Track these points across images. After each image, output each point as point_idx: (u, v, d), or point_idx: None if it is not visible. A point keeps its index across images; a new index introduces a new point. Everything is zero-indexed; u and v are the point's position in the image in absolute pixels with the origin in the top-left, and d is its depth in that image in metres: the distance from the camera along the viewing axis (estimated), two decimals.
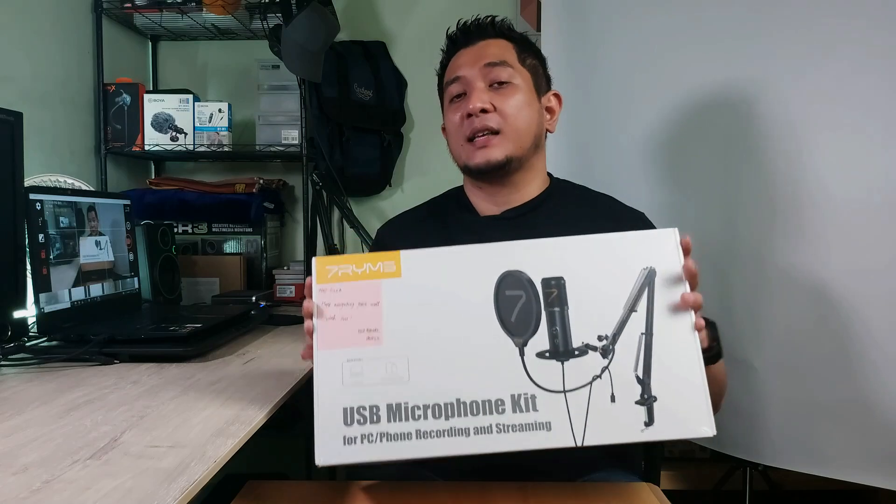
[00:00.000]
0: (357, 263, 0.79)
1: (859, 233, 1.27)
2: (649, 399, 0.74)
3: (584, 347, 0.75)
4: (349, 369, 0.76)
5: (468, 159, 1.06)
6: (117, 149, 1.97)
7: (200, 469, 0.66)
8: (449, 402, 0.75)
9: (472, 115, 1.03)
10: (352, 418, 0.74)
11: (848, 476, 1.33)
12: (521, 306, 0.76)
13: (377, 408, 0.74)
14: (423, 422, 0.74)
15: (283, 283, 1.99)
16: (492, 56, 1.06)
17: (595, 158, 1.65)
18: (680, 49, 1.48)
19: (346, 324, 0.77)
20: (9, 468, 0.67)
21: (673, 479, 2.07)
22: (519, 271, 0.77)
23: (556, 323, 0.76)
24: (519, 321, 0.76)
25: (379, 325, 0.77)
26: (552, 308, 0.76)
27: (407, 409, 0.74)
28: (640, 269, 0.77)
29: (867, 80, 1.25)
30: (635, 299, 0.76)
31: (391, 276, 0.78)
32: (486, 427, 0.74)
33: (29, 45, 1.69)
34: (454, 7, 2.18)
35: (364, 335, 0.76)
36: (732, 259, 1.42)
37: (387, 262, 0.78)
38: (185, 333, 1.19)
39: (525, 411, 0.74)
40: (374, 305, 0.77)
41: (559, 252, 0.78)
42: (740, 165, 1.40)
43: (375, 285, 0.78)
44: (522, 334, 0.76)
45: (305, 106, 1.98)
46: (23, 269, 1.20)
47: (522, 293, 0.77)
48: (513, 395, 0.74)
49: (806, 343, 1.34)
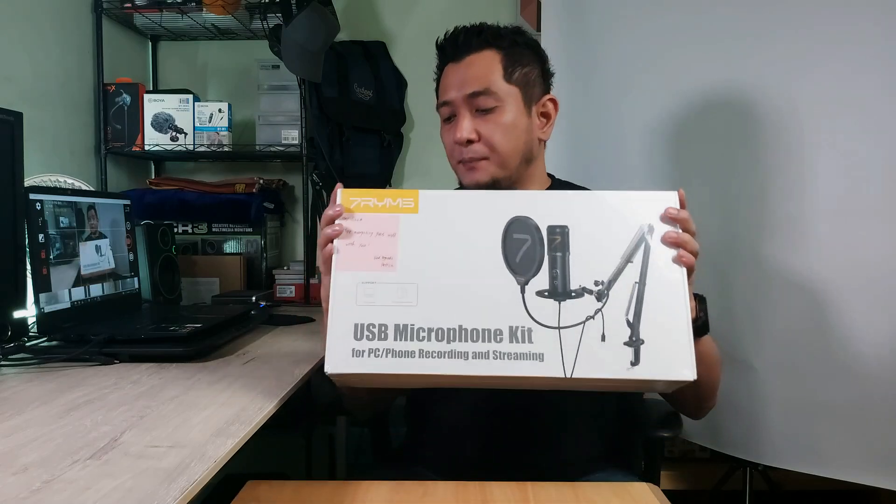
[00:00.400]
0: (378, 197, 0.85)
1: (859, 232, 1.27)
2: (637, 341, 0.79)
3: (581, 290, 0.81)
4: (363, 290, 0.82)
5: (461, 178, 1.11)
6: (117, 149, 1.97)
7: (200, 469, 0.66)
8: (452, 327, 0.80)
9: (459, 143, 1.06)
10: (362, 333, 0.81)
11: (848, 476, 1.33)
12: (526, 249, 0.82)
13: (385, 326, 0.81)
14: (426, 343, 0.80)
15: (283, 283, 1.99)
16: (475, 83, 1.05)
17: (595, 158, 1.65)
18: (680, 49, 1.48)
19: (364, 250, 0.83)
20: (9, 468, 0.66)
21: (673, 479, 2.07)
22: (527, 217, 0.83)
23: (557, 266, 0.82)
24: (523, 262, 0.82)
25: (394, 254, 0.83)
26: (555, 252, 0.82)
27: (413, 330, 0.80)
28: (640, 223, 0.82)
29: (867, 79, 1.25)
30: (632, 251, 0.82)
31: (409, 211, 0.84)
32: (484, 353, 0.79)
33: (29, 45, 1.69)
34: (454, 7, 2.19)
35: (380, 261, 0.83)
36: (732, 259, 1.42)
37: (406, 198, 0.85)
38: (185, 333, 1.19)
39: (521, 342, 0.80)
40: (391, 236, 0.83)
41: (566, 203, 0.84)
42: (740, 165, 1.40)
43: (394, 218, 0.84)
44: (525, 274, 0.82)
45: (305, 106, 1.98)
46: (23, 269, 1.20)
47: (528, 237, 0.82)
48: (511, 327, 0.80)
49: (806, 343, 1.34)
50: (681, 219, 0.83)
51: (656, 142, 1.53)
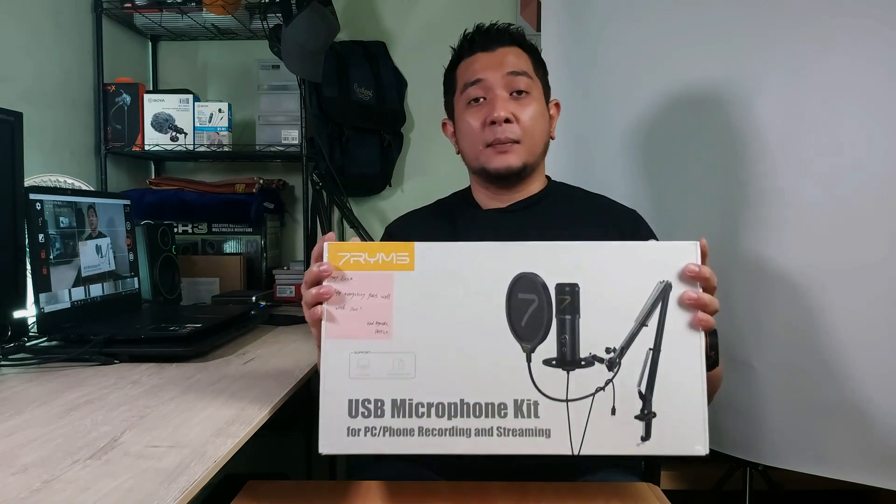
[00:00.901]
0: (370, 252, 0.78)
1: (859, 232, 1.27)
2: (649, 414, 0.75)
3: (591, 359, 0.76)
4: (356, 361, 0.76)
5: (486, 163, 1.10)
6: (117, 149, 1.97)
7: (200, 469, 0.66)
8: (453, 401, 0.75)
9: (496, 123, 1.07)
10: (356, 410, 0.75)
11: (848, 476, 1.33)
12: (532, 311, 0.76)
13: (382, 402, 0.75)
14: (426, 419, 0.75)
15: (283, 283, 1.99)
16: (514, 65, 1.09)
17: (595, 158, 1.65)
18: (680, 49, 1.48)
19: (356, 314, 0.77)
20: (9, 468, 0.67)
21: (673, 479, 2.07)
22: (534, 274, 0.76)
23: (566, 331, 0.76)
24: (529, 326, 0.76)
25: (388, 319, 0.77)
26: (564, 315, 0.76)
27: (411, 406, 0.75)
28: (656, 281, 0.76)
29: (865, 78, 1.26)
30: (648, 313, 0.76)
31: (404, 268, 0.77)
32: (488, 429, 0.75)
33: (29, 45, 1.69)
34: (454, 7, 2.18)
35: (373, 328, 0.77)
36: (732, 259, 1.42)
37: (400, 253, 0.77)
38: (185, 333, 1.19)
39: (526, 417, 0.75)
40: (385, 298, 0.77)
41: (576, 256, 0.77)
42: (740, 165, 1.40)
43: (387, 277, 0.77)
44: (531, 340, 0.76)
45: (305, 106, 1.98)
46: (23, 269, 1.20)
47: (535, 297, 0.76)
48: (516, 401, 0.75)
49: (806, 343, 1.34)
50: (702, 277, 0.76)
51: (656, 142, 1.53)
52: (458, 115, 1.15)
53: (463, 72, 1.14)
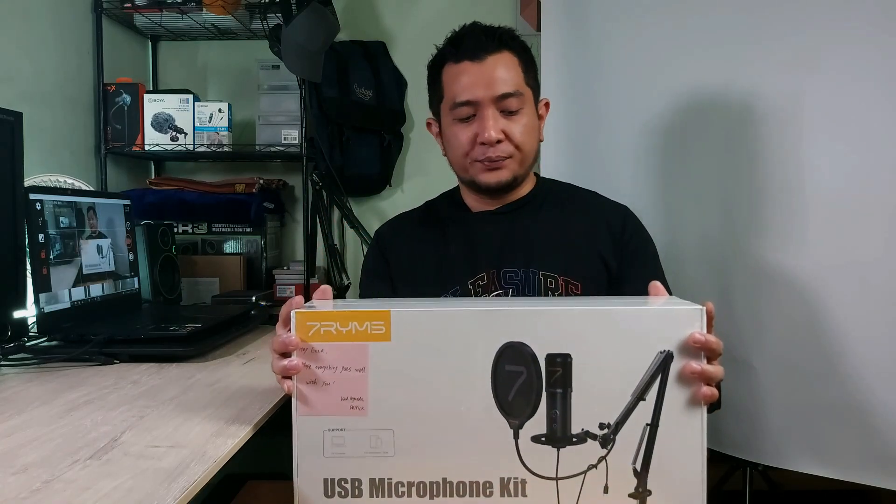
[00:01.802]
0: (342, 322, 0.71)
1: (859, 232, 1.27)
2: (643, 493, 0.71)
3: (584, 435, 0.71)
4: (330, 439, 0.72)
5: (475, 176, 1.09)
6: (117, 149, 1.97)
7: (200, 469, 0.66)
8: (435, 480, 0.72)
9: (487, 143, 1.04)
10: (333, 490, 0.72)
11: (848, 476, 1.33)
12: (520, 384, 0.71)
13: (359, 481, 0.72)
14: (406, 499, 0.72)
15: (283, 283, 1.99)
16: (504, 84, 1.04)
17: (595, 159, 1.65)
18: (680, 50, 1.48)
19: (329, 389, 0.72)
20: (9, 468, 0.67)
21: None
22: (522, 343, 0.70)
23: (557, 406, 0.71)
24: (517, 401, 0.71)
25: (364, 395, 0.72)
26: (554, 389, 0.71)
27: (390, 485, 0.72)
28: (656, 351, 0.70)
29: (863, 80, 1.25)
30: (646, 386, 0.70)
31: (380, 338, 0.71)
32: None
33: (29, 45, 1.69)
34: (454, 7, 2.19)
35: (347, 404, 0.72)
36: (732, 259, 1.42)
37: (375, 322, 0.71)
38: (185, 333, 1.20)
39: (513, 496, 0.71)
40: (360, 371, 0.71)
41: (569, 324, 0.71)
42: (740, 165, 1.40)
43: (362, 348, 0.71)
44: (519, 416, 0.71)
45: (305, 106, 1.98)
46: (23, 269, 1.20)
47: (523, 370, 0.71)
48: (502, 479, 0.71)
49: (806, 343, 1.34)
50: (708, 347, 0.70)
51: (656, 142, 1.53)
52: (445, 126, 1.11)
53: (450, 81, 1.08)
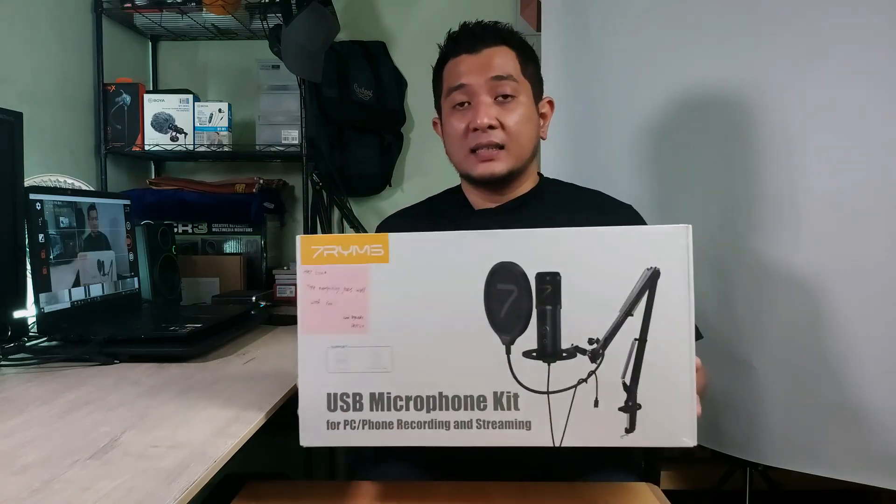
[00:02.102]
0: (343, 245, 0.76)
1: (859, 232, 1.27)
2: (633, 406, 0.73)
3: (573, 350, 0.73)
4: (333, 356, 0.75)
5: (470, 169, 1.09)
6: (117, 149, 1.97)
7: (200, 469, 0.66)
8: (431, 395, 0.75)
9: (479, 129, 1.05)
10: (335, 404, 0.75)
11: (848, 476, 1.33)
12: (511, 302, 0.73)
13: (360, 395, 0.75)
14: (404, 412, 0.75)
15: (283, 283, 1.99)
16: (498, 69, 1.06)
17: (595, 158, 1.65)
18: (679, 49, 1.48)
19: (331, 308, 0.75)
20: (9, 468, 0.66)
21: (673, 479, 2.07)
22: (513, 263, 0.74)
23: (547, 322, 0.73)
24: (508, 318, 0.74)
25: (364, 313, 0.75)
26: (544, 306, 0.73)
27: (389, 400, 0.75)
28: (643, 268, 0.72)
29: (864, 80, 1.26)
30: (633, 302, 0.72)
31: (378, 260, 0.75)
32: (467, 422, 0.75)
33: (29, 45, 1.69)
34: (454, 7, 2.19)
35: (349, 322, 0.75)
36: (732, 259, 1.42)
37: (374, 245, 0.75)
38: (185, 333, 1.19)
39: (506, 409, 0.74)
40: (360, 291, 0.75)
41: (557, 244, 0.74)
42: (740, 165, 1.40)
43: (362, 270, 0.75)
44: (510, 332, 0.74)
45: (305, 106, 1.98)
46: (23, 269, 1.20)
47: (514, 288, 0.73)
48: (495, 393, 0.74)
49: (806, 343, 1.34)
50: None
51: (656, 142, 1.53)
52: (444, 118, 1.14)
53: (448, 74, 1.11)
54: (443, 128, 1.15)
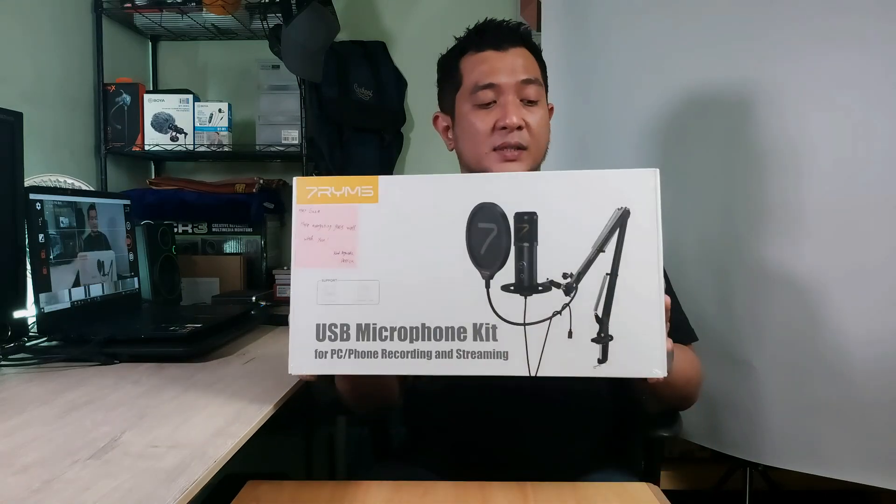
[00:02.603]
0: (336, 186, 0.82)
1: (859, 232, 1.27)
2: (605, 338, 0.77)
3: (549, 284, 0.78)
4: (323, 289, 0.80)
5: (491, 167, 1.07)
6: (117, 149, 1.97)
7: (200, 469, 0.66)
8: (414, 326, 0.79)
9: (508, 128, 1.04)
10: (323, 334, 0.79)
11: (848, 476, 1.33)
12: (491, 239, 0.79)
13: (347, 326, 0.79)
14: (389, 342, 0.79)
15: (283, 283, 1.99)
16: (526, 72, 1.07)
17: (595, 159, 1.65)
18: (679, 49, 1.48)
19: (323, 245, 0.80)
20: (9, 468, 0.66)
21: (673, 479, 2.07)
22: (493, 203, 0.79)
23: (524, 258, 0.78)
24: (488, 254, 0.79)
25: (354, 249, 0.80)
26: (522, 243, 0.78)
27: (375, 330, 0.79)
28: (614, 208, 0.78)
29: (866, 78, 1.26)
30: (605, 239, 0.77)
31: (368, 201, 0.81)
32: (448, 352, 0.78)
33: (29, 45, 1.69)
34: (454, 7, 2.18)
35: (339, 257, 0.80)
36: (732, 259, 1.42)
37: (365, 186, 0.81)
38: (185, 333, 1.19)
39: (485, 340, 0.78)
40: (350, 229, 0.80)
41: (536, 186, 0.79)
42: (740, 165, 1.40)
43: (352, 209, 0.81)
44: (490, 267, 0.79)
45: (305, 106, 1.98)
46: (23, 269, 1.20)
47: (494, 226, 0.79)
48: (475, 324, 0.78)
49: (806, 343, 1.34)
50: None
51: (656, 142, 1.53)
52: (460, 114, 1.09)
53: (471, 68, 1.08)
54: (457, 122, 1.10)
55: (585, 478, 1.02)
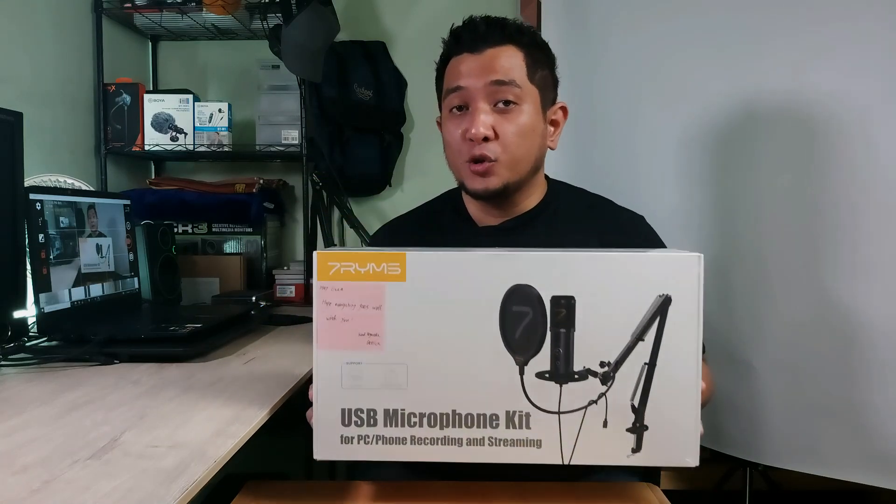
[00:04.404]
0: (361, 262, 0.76)
1: (859, 232, 1.27)
2: (640, 427, 0.75)
3: (585, 372, 0.75)
4: (348, 372, 0.76)
5: (465, 181, 1.03)
6: (117, 149, 1.97)
7: (200, 469, 0.66)
8: (445, 412, 0.76)
9: (473, 140, 0.98)
10: (349, 419, 0.76)
11: (848, 476, 1.33)
12: (526, 324, 0.75)
13: (374, 412, 0.76)
14: (418, 429, 0.76)
15: (283, 283, 1.99)
16: (500, 72, 0.98)
17: (596, 160, 1.65)
18: (680, 50, 1.48)
19: (347, 325, 0.76)
20: (9, 468, 0.66)
21: (673, 479, 2.07)
22: (529, 286, 0.74)
23: (561, 344, 0.75)
24: (522, 339, 0.75)
25: (380, 330, 0.76)
26: (558, 328, 0.75)
27: (403, 416, 0.76)
28: (655, 294, 0.74)
29: (869, 80, 1.25)
30: (645, 328, 0.74)
31: (396, 279, 0.76)
32: (479, 439, 0.76)
33: (29, 45, 1.69)
34: (454, 7, 2.18)
35: (365, 339, 0.76)
36: (732, 259, 1.42)
37: (392, 263, 0.76)
38: (185, 333, 1.19)
39: (518, 428, 0.76)
40: (377, 309, 0.76)
41: (573, 268, 0.75)
42: (741, 165, 1.40)
43: (379, 288, 0.76)
44: (524, 353, 0.75)
45: (305, 106, 1.98)
46: (23, 269, 1.20)
47: (529, 310, 0.74)
48: (508, 412, 0.76)
49: (806, 343, 1.34)
50: None
51: (657, 142, 1.53)
52: (442, 122, 1.07)
53: (448, 73, 1.03)
54: (442, 131, 1.08)
55: (585, 478, 1.02)
